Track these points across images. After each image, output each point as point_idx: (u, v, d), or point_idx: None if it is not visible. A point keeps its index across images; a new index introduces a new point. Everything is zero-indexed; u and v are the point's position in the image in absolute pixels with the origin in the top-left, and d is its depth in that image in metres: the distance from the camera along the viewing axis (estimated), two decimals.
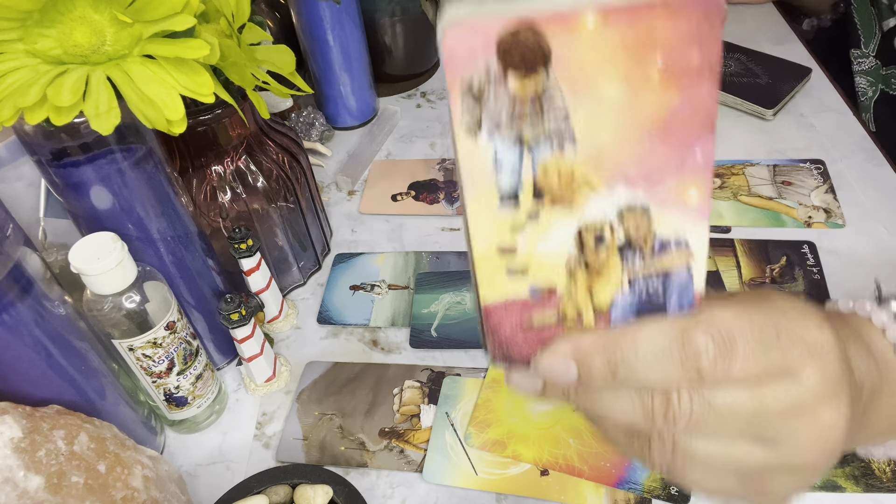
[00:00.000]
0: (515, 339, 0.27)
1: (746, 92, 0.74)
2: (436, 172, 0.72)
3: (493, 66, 0.21)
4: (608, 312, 0.26)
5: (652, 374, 0.25)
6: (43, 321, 0.40)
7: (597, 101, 0.22)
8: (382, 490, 0.47)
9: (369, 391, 0.53)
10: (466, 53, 0.21)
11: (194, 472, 0.49)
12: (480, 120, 0.22)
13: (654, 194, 0.24)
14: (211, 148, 0.51)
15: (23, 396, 0.40)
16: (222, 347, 0.55)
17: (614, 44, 0.21)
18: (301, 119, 0.74)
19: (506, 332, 0.27)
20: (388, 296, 0.60)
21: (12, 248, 0.38)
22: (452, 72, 0.21)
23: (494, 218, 0.24)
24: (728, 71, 0.77)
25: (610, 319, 0.26)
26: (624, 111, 0.22)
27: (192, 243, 0.48)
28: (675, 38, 0.21)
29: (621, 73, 0.22)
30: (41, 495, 0.35)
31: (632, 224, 0.25)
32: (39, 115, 0.34)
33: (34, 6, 0.33)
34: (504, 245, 0.25)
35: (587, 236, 0.25)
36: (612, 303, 0.26)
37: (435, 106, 0.81)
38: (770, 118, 0.73)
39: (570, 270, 0.26)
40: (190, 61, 0.36)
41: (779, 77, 0.75)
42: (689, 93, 0.22)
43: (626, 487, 0.45)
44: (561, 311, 0.26)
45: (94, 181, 0.41)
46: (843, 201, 0.64)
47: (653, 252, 0.25)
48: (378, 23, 0.77)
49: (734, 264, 0.59)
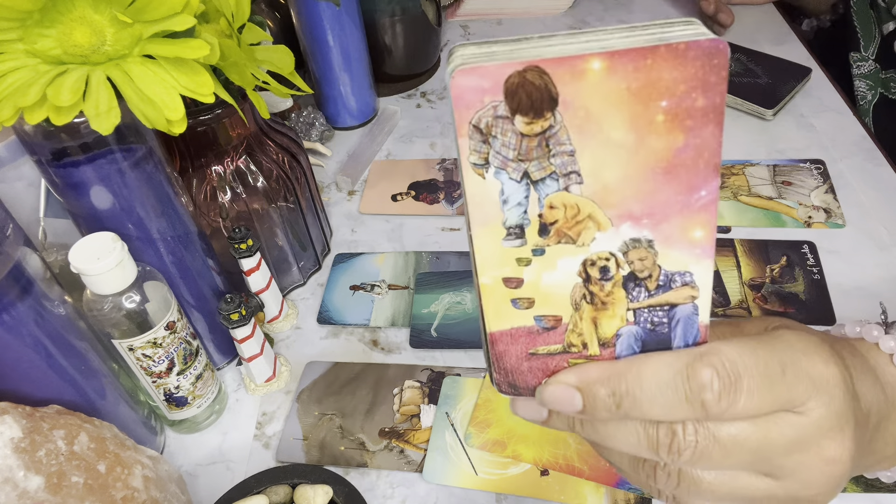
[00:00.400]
0: (520, 368, 0.28)
1: (746, 92, 0.74)
2: (436, 172, 0.72)
3: (500, 107, 0.22)
4: (613, 344, 0.27)
5: (656, 408, 0.25)
6: (43, 321, 0.40)
7: (603, 142, 0.23)
8: (382, 490, 0.47)
9: (369, 391, 0.53)
10: (474, 94, 0.22)
11: (194, 472, 0.49)
12: (488, 157, 0.23)
13: (659, 231, 0.24)
14: (211, 148, 0.51)
15: (23, 396, 0.40)
16: (222, 347, 0.55)
17: (619, 87, 0.21)
18: (301, 119, 0.74)
19: (511, 360, 0.28)
20: (388, 296, 0.60)
21: (12, 248, 0.38)
22: (460, 111, 0.22)
23: (500, 250, 0.25)
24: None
25: (615, 351, 0.27)
26: (629, 152, 0.23)
27: (192, 243, 0.48)
28: (679, 81, 0.21)
29: (627, 115, 0.22)
30: (41, 495, 0.35)
31: (636, 257, 0.25)
32: (39, 115, 0.34)
33: (34, 6, 0.33)
34: (509, 276, 0.26)
35: (592, 269, 0.25)
36: (617, 334, 0.27)
37: (435, 106, 0.81)
38: (770, 118, 0.73)
39: (575, 302, 0.26)
40: (190, 61, 0.36)
41: (779, 77, 0.75)
42: (693, 134, 0.22)
43: (626, 487, 0.45)
44: (566, 341, 0.27)
45: (94, 181, 0.41)
46: (843, 201, 0.64)
47: (658, 286, 0.26)
48: (378, 23, 0.77)
49: (734, 264, 0.59)
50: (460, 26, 0.95)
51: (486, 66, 0.21)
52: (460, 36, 0.93)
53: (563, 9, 0.96)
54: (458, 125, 0.22)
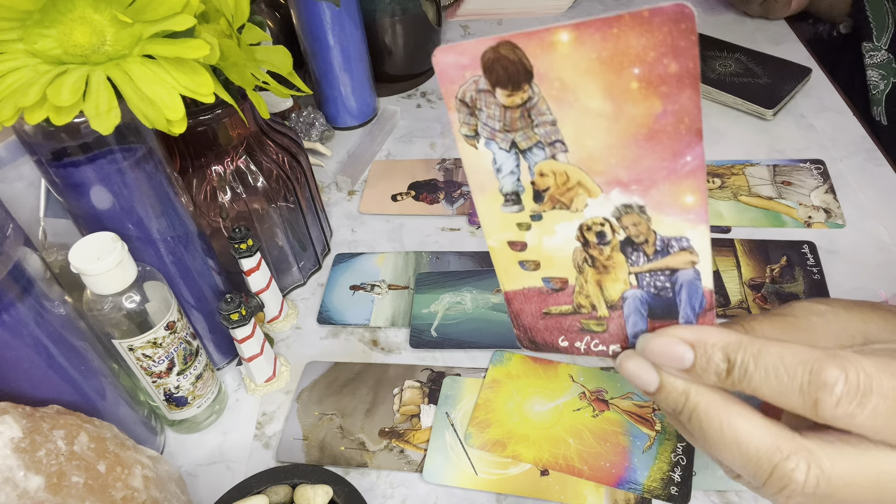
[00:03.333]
0: (537, 326, 0.29)
1: (746, 92, 0.74)
2: (436, 172, 0.72)
3: (481, 81, 0.23)
4: (620, 306, 0.28)
5: (766, 388, 0.24)
6: (43, 321, 0.40)
7: (581, 111, 0.23)
8: (382, 490, 0.47)
9: (369, 391, 0.53)
10: (455, 70, 0.23)
11: (194, 472, 0.49)
12: (477, 129, 0.25)
13: (650, 197, 0.25)
14: (211, 148, 0.51)
15: (23, 396, 0.40)
16: (222, 347, 0.55)
17: (590, 56, 0.22)
18: (301, 119, 0.74)
19: (527, 318, 0.29)
20: (388, 296, 0.60)
21: (12, 248, 0.38)
22: (445, 86, 0.24)
23: (501, 216, 0.27)
24: (728, 71, 0.77)
25: (623, 313, 0.28)
26: (609, 119, 0.23)
27: (192, 243, 0.48)
28: (649, 48, 0.22)
29: (601, 84, 0.23)
30: (41, 495, 0.35)
31: (630, 223, 0.26)
32: (39, 115, 0.34)
33: (34, 6, 0.33)
34: (513, 240, 0.27)
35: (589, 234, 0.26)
36: (623, 297, 0.28)
37: (435, 106, 0.81)
38: (770, 118, 0.73)
39: (578, 265, 0.27)
40: (190, 61, 0.36)
41: (779, 77, 0.75)
42: (670, 100, 0.23)
43: (626, 487, 0.45)
44: (575, 302, 0.28)
45: (94, 181, 0.41)
46: (843, 201, 0.63)
47: (655, 251, 0.26)
48: (378, 23, 0.77)
49: (734, 264, 0.59)
50: (460, 26, 0.95)
51: (463, 43, 0.23)
52: (460, 36, 0.93)
53: (563, 9, 0.96)
54: (446, 100, 0.24)
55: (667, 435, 0.47)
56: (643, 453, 0.47)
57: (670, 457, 0.46)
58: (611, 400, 0.50)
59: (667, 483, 0.45)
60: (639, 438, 0.48)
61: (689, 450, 0.47)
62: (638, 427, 0.48)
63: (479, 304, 0.58)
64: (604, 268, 0.27)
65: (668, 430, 0.48)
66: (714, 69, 0.78)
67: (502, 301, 0.58)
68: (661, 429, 0.48)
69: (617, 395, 0.50)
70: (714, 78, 0.77)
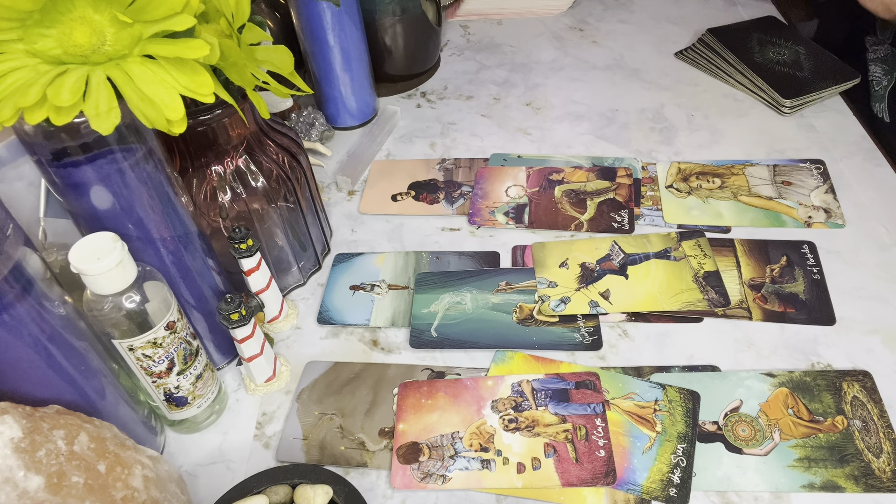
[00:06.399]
0: None
1: (776, 79, 0.73)
2: (436, 172, 0.72)
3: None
4: None
5: None
6: (43, 321, 0.40)
7: None
8: (382, 490, 0.47)
9: (369, 391, 0.53)
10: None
11: (194, 472, 0.49)
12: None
13: None
14: (211, 148, 0.51)
15: (23, 396, 0.40)
16: (222, 347, 0.55)
17: None
18: (301, 119, 0.74)
19: None
20: (388, 296, 0.60)
21: (12, 248, 0.38)
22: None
23: None
24: (777, 59, 0.76)
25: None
26: None
27: (192, 243, 0.48)
28: None
29: None
30: (41, 495, 0.35)
31: None
32: (39, 115, 0.34)
33: (34, 6, 0.33)
34: None
35: None
36: None
37: (435, 106, 0.81)
38: (787, 111, 0.72)
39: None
40: (190, 61, 0.36)
41: (819, 75, 0.74)
42: None
43: (625, 488, 0.45)
44: None
45: (94, 181, 0.41)
46: (843, 201, 0.64)
47: None
48: (378, 23, 0.77)
49: (734, 264, 0.59)
50: (460, 26, 0.95)
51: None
52: (460, 36, 0.93)
53: (563, 9, 0.96)
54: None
55: (667, 436, 0.47)
56: (643, 454, 0.47)
57: (670, 458, 0.46)
58: (612, 400, 0.50)
59: (666, 485, 0.45)
60: (639, 439, 0.48)
61: (689, 451, 0.47)
62: (638, 427, 0.48)
63: (479, 304, 0.58)
64: None
65: (668, 431, 0.48)
66: (765, 55, 0.77)
67: (502, 301, 0.58)
68: (661, 430, 0.48)
69: (618, 396, 0.50)
70: (758, 62, 0.76)
